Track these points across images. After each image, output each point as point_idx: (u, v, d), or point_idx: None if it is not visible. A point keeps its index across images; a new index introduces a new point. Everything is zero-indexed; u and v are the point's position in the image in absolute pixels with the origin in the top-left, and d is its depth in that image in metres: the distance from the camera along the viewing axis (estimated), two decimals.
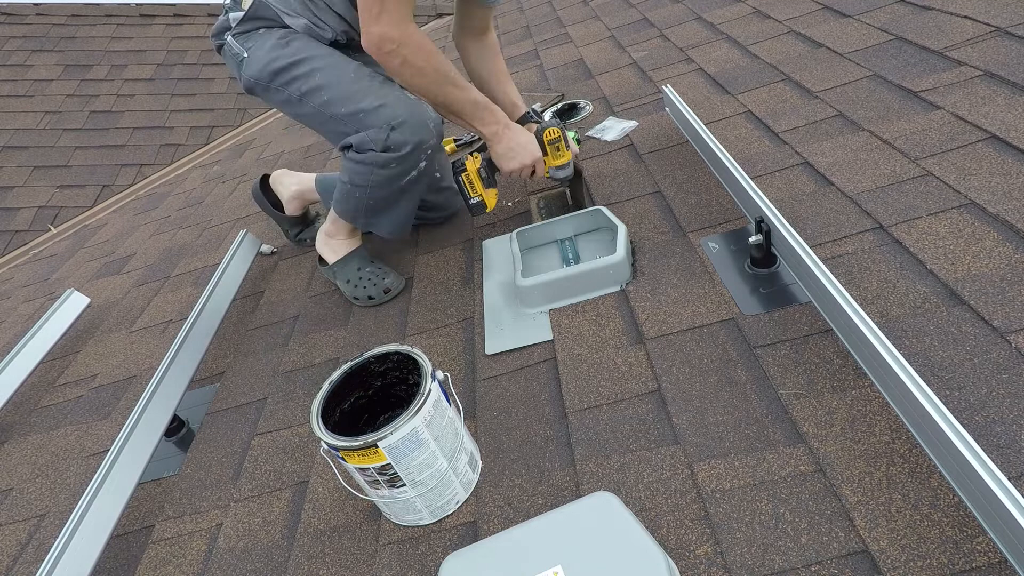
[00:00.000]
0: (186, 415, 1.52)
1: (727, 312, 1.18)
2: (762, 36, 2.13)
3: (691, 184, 1.56)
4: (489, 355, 1.31)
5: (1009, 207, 1.12)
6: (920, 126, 1.41)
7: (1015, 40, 1.55)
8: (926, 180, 1.26)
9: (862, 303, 1.07)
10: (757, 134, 1.65)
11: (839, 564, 0.78)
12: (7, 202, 4.01)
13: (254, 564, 1.10)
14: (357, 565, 1.03)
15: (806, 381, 1.00)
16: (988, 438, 0.82)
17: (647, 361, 1.15)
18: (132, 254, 2.64)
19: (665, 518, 0.90)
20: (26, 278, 2.99)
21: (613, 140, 1.90)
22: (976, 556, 0.73)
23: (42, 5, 5.19)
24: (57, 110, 4.50)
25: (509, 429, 1.14)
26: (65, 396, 1.80)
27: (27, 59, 4.78)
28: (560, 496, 0.99)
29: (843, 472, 0.86)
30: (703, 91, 1.96)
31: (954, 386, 0.90)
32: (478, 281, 1.55)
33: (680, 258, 1.35)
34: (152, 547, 1.21)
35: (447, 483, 1.02)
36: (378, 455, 0.93)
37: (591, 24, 2.98)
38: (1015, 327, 0.94)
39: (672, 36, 2.45)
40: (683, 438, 0.99)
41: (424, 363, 1.01)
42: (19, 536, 1.37)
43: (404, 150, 1.42)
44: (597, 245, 1.50)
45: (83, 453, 1.53)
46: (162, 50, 5.13)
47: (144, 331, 1.96)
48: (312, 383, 1.46)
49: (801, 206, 1.34)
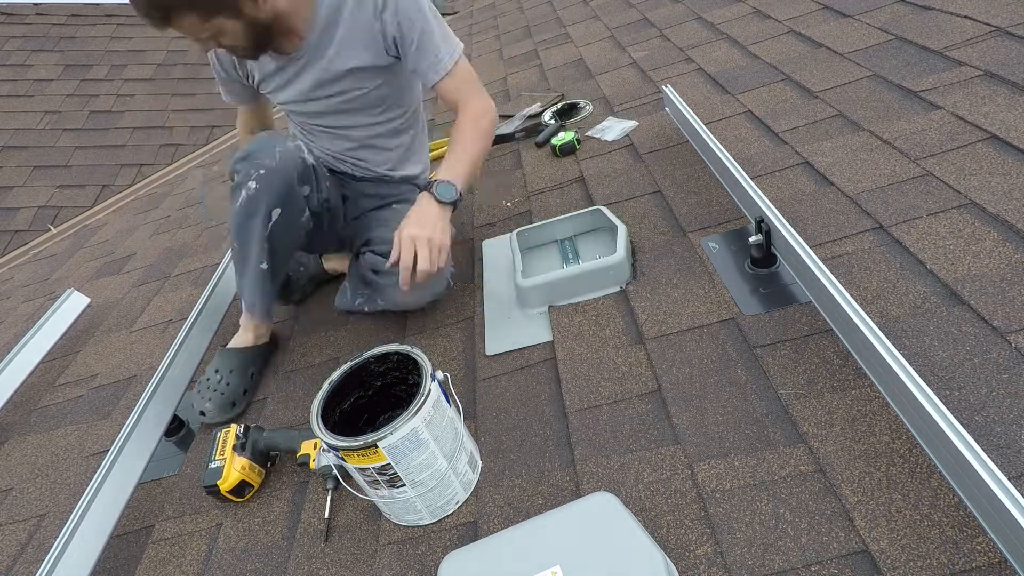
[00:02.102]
0: (186, 415, 1.52)
1: (727, 312, 1.18)
2: (762, 36, 2.13)
3: (691, 184, 1.56)
4: (489, 355, 1.31)
5: (1009, 207, 1.12)
6: (920, 126, 1.41)
7: (1015, 40, 1.55)
8: (926, 180, 1.26)
9: (862, 303, 1.07)
10: (757, 134, 1.65)
11: (839, 564, 0.78)
12: (7, 202, 4.01)
13: (254, 564, 1.10)
14: (357, 565, 1.03)
15: (806, 381, 1.00)
16: (988, 438, 0.82)
17: (647, 361, 1.15)
18: (132, 254, 2.64)
19: (665, 518, 0.90)
20: (26, 278, 2.99)
21: (613, 140, 1.90)
22: (976, 556, 0.73)
23: (42, 5, 5.19)
24: (57, 110, 4.50)
25: (509, 429, 1.14)
26: (65, 396, 1.80)
27: (27, 59, 4.78)
28: (560, 496, 0.99)
29: (843, 472, 0.86)
30: (703, 91, 1.96)
31: (954, 386, 0.90)
32: (478, 281, 1.55)
33: (680, 258, 1.35)
34: (152, 547, 1.21)
35: (447, 483, 1.02)
36: (378, 455, 0.93)
37: (591, 24, 2.98)
38: (1015, 327, 0.94)
39: (672, 36, 2.45)
40: (683, 438, 0.99)
41: (424, 363, 1.01)
42: (19, 536, 1.37)
43: (240, 176, 1.35)
44: (597, 245, 1.50)
45: (83, 453, 1.53)
46: (162, 50, 5.14)
47: (144, 331, 1.96)
48: (312, 383, 1.46)
49: (801, 206, 1.34)
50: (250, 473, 1.21)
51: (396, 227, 1.30)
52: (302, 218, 1.41)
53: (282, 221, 1.36)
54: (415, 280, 1.26)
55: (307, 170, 1.40)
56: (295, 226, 1.41)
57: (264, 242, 1.37)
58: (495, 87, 2.74)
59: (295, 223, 1.40)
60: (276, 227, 1.36)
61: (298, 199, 1.38)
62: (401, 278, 1.25)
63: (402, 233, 1.25)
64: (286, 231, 1.39)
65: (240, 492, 1.20)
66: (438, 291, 1.43)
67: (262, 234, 1.36)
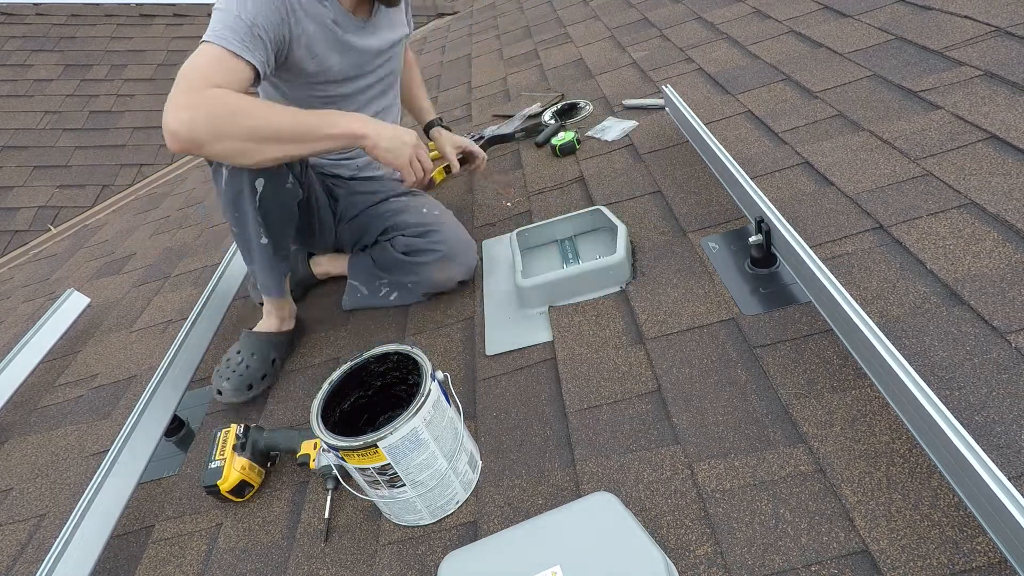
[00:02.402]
0: (186, 415, 1.52)
1: (727, 312, 1.18)
2: (762, 36, 2.13)
3: (691, 184, 1.56)
4: (489, 355, 1.31)
5: (1009, 207, 1.12)
6: (920, 126, 1.41)
7: (1015, 40, 1.55)
8: (926, 180, 1.26)
9: (862, 303, 1.07)
10: (757, 134, 1.65)
11: (839, 564, 0.78)
12: (7, 202, 4.01)
13: (254, 564, 1.10)
14: (357, 565, 1.03)
15: (806, 381, 1.00)
16: (988, 438, 0.82)
17: (647, 361, 1.15)
18: (132, 254, 2.64)
19: (665, 518, 0.90)
20: (26, 278, 2.99)
21: (613, 140, 1.90)
22: (976, 556, 0.73)
23: (42, 5, 5.18)
24: (57, 110, 4.50)
25: (509, 429, 1.14)
26: (65, 396, 1.80)
27: (27, 59, 4.77)
28: (560, 496, 0.99)
29: (843, 472, 0.86)
30: (703, 91, 1.96)
31: (954, 386, 0.90)
32: (478, 281, 1.55)
33: (680, 258, 1.35)
34: (152, 547, 1.21)
35: (447, 483, 1.02)
36: (378, 455, 0.93)
37: (591, 24, 2.98)
38: (1015, 327, 0.94)
39: (672, 36, 2.45)
40: (683, 438, 0.99)
41: (424, 363, 1.01)
42: (19, 536, 1.37)
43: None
44: (597, 245, 1.50)
45: (83, 453, 1.53)
46: (162, 50, 5.13)
47: (144, 331, 1.96)
48: (312, 383, 1.46)
49: (801, 206, 1.34)
50: (250, 473, 1.21)
51: (416, 213, 1.55)
52: (287, 184, 1.38)
53: (269, 190, 1.35)
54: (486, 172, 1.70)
55: None
56: (284, 194, 1.38)
57: (257, 215, 1.36)
58: (495, 87, 2.74)
59: (282, 190, 1.38)
60: (265, 198, 1.35)
61: (279, 166, 1.35)
62: (484, 171, 1.74)
63: (460, 140, 1.70)
64: (275, 200, 1.37)
65: (240, 492, 1.20)
66: (470, 265, 1.52)
67: (253, 207, 1.35)
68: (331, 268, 1.78)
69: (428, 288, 1.53)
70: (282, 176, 1.37)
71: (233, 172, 1.31)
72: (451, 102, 2.83)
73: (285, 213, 1.42)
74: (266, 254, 1.42)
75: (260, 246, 1.41)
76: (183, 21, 5.44)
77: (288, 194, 1.40)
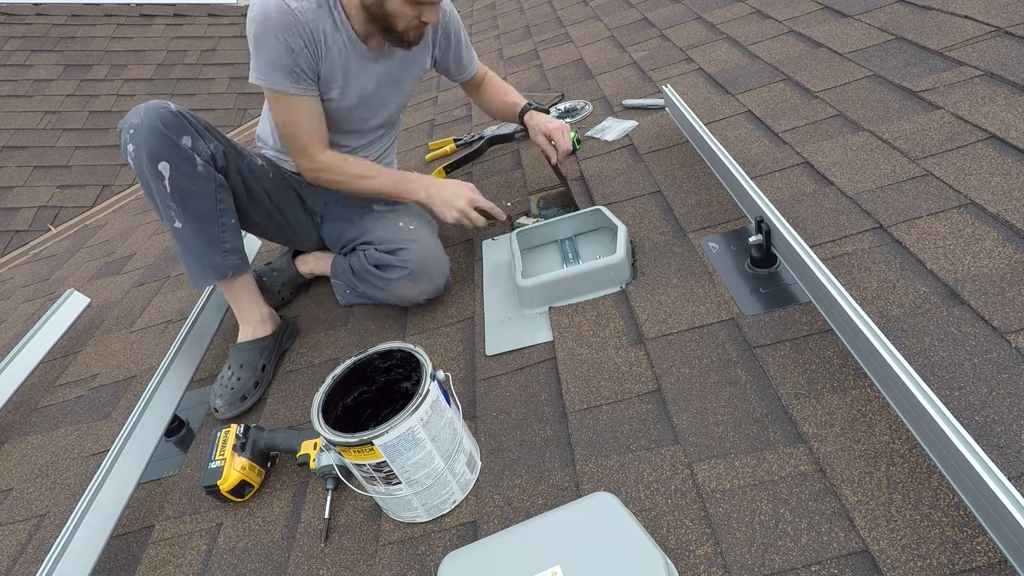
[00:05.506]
0: (186, 415, 1.52)
1: (727, 312, 1.18)
2: (762, 36, 2.13)
3: (691, 184, 1.56)
4: (489, 355, 1.31)
5: (1009, 207, 1.12)
6: (920, 126, 1.41)
7: (1015, 40, 1.55)
8: (926, 180, 1.26)
9: (862, 303, 1.07)
10: (757, 134, 1.65)
11: (839, 564, 0.78)
12: (7, 202, 4.01)
13: (254, 564, 1.10)
14: (357, 565, 1.03)
15: (806, 381, 1.00)
16: (988, 438, 0.82)
17: (647, 361, 1.15)
18: (132, 254, 2.64)
19: (665, 518, 0.90)
20: (26, 278, 2.99)
21: (613, 140, 1.90)
22: (976, 556, 0.73)
23: (42, 5, 5.19)
24: (57, 110, 4.50)
25: (509, 429, 1.14)
26: (65, 396, 1.80)
27: (27, 59, 4.78)
28: (560, 496, 0.99)
29: (843, 472, 0.86)
30: (703, 91, 1.96)
31: (954, 386, 0.90)
32: (478, 281, 1.55)
33: (680, 258, 1.35)
34: (152, 547, 1.21)
35: (443, 483, 1.02)
36: (374, 452, 0.93)
37: (591, 24, 2.98)
38: (1015, 327, 0.94)
39: (672, 36, 2.45)
40: (683, 438, 0.99)
41: (424, 362, 1.01)
42: (19, 536, 1.37)
43: (122, 147, 1.39)
44: (597, 245, 1.50)
45: (83, 453, 1.53)
46: (162, 50, 5.14)
47: (144, 331, 1.96)
48: (312, 383, 1.46)
49: (801, 206, 1.34)
50: (250, 473, 1.21)
51: (391, 227, 1.53)
52: (198, 168, 1.36)
53: (177, 175, 1.35)
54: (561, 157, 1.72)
55: (178, 120, 1.35)
56: (195, 177, 1.37)
57: (169, 199, 1.36)
58: None
59: (193, 174, 1.36)
60: (174, 182, 1.35)
61: (180, 149, 1.34)
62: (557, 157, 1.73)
63: (552, 125, 1.71)
64: (188, 184, 1.36)
65: (240, 492, 1.20)
66: (439, 284, 1.49)
67: (162, 191, 1.36)
68: (315, 267, 1.79)
69: (395, 301, 1.52)
70: (187, 159, 1.35)
71: (135, 156, 1.33)
72: (451, 102, 2.84)
73: (204, 199, 1.40)
74: (181, 239, 1.42)
75: (175, 230, 1.41)
76: (183, 21, 5.45)
77: (203, 179, 1.38)
